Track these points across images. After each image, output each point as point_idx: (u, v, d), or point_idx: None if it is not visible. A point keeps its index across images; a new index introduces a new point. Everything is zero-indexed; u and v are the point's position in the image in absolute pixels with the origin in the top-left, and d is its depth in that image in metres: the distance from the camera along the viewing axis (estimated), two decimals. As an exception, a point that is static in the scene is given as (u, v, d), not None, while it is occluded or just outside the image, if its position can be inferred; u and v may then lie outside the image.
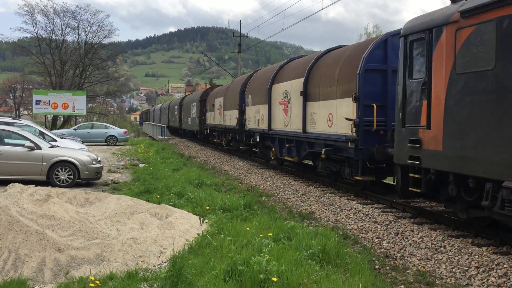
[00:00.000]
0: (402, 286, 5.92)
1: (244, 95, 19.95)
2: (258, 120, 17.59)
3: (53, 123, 45.18)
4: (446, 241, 7.28)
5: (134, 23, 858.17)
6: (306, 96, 13.37)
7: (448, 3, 7.78)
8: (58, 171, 12.81)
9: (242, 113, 20.20)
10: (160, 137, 41.87)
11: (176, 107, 41.98)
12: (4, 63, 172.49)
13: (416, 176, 8.11)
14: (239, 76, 34.39)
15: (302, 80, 13.64)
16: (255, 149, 19.78)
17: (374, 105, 10.39)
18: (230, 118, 22.40)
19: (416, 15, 10.18)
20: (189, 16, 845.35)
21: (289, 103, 14.64)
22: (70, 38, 48.34)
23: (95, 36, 46.47)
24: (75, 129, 31.36)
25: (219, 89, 27.31)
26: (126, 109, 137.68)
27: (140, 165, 18.99)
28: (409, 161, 8.17)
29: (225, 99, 23.62)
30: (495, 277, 5.88)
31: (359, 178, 10.74)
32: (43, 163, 12.71)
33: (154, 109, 69.42)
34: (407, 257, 7.04)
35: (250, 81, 19.73)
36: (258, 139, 17.57)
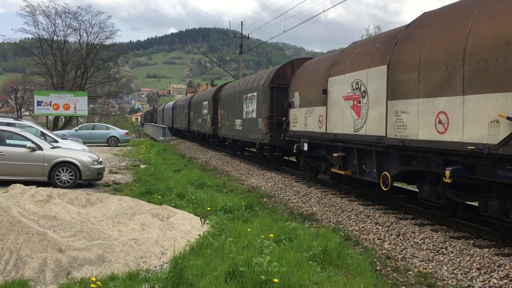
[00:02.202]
0: (404, 287, 5.91)
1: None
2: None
3: (55, 124, 45.25)
4: (447, 243, 7.27)
5: (134, 24, 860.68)
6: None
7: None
8: (59, 172, 12.83)
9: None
10: (161, 138, 41.88)
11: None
12: (6, 64, 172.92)
13: None
14: (240, 77, 33.87)
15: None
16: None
17: None
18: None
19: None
20: (189, 17, 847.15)
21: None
22: (71, 39, 48.70)
23: (96, 37, 46.67)
24: (76, 130, 31.40)
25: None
26: (128, 110, 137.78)
27: (142, 166, 19.00)
28: None
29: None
30: (497, 279, 5.87)
31: None
32: (45, 164, 12.73)
33: (157, 110, 67.09)
34: (409, 258, 7.03)
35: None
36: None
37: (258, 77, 18.97)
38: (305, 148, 13.26)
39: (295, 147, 13.94)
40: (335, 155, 11.46)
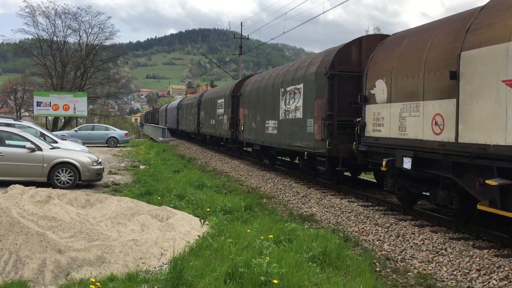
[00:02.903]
0: (403, 288, 5.91)
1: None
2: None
3: (54, 125, 45.23)
4: (447, 244, 7.26)
5: (134, 25, 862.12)
6: None
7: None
8: (59, 172, 12.81)
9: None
10: (160, 138, 41.86)
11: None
12: (5, 64, 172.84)
13: None
14: (239, 78, 33.24)
15: None
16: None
17: None
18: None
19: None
20: (188, 17, 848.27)
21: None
22: (71, 39, 48.44)
23: (96, 38, 46.66)
24: (76, 130, 31.38)
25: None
26: (127, 110, 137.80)
27: (141, 166, 18.99)
28: None
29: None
30: (496, 280, 5.87)
31: None
32: (44, 165, 12.72)
33: (159, 110, 61.65)
34: (408, 259, 7.03)
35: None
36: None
37: (303, 64, 14.35)
38: (407, 165, 8.56)
39: (384, 163, 9.17)
40: (492, 183, 6.46)
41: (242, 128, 20.48)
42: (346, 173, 13.48)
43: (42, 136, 16.75)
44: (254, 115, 18.67)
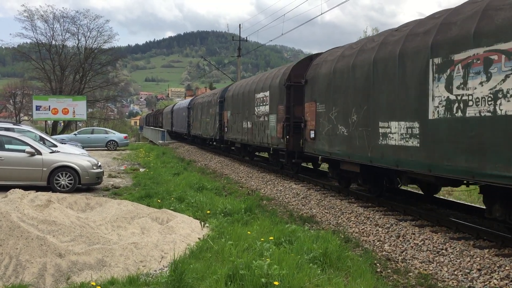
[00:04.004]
0: (404, 289, 5.90)
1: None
2: None
3: (54, 129, 45.24)
4: (447, 244, 7.26)
5: (131, 28, 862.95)
6: None
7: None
8: (58, 176, 12.81)
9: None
10: (160, 141, 41.87)
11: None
12: (4, 68, 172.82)
13: None
14: (238, 80, 32.73)
15: None
16: None
17: None
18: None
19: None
20: (185, 20, 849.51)
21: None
22: (70, 43, 48.61)
23: (94, 41, 46.77)
24: (75, 134, 31.39)
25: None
26: (126, 114, 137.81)
27: (141, 169, 18.99)
28: None
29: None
30: (497, 279, 5.87)
31: None
32: (44, 169, 12.71)
33: (163, 112, 54.11)
34: (409, 260, 7.03)
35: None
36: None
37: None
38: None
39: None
40: None
41: (314, 136, 15.40)
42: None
43: (42, 140, 16.75)
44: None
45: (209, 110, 26.47)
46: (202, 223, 8.18)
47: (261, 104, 17.23)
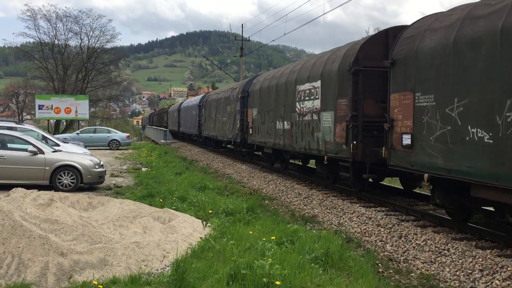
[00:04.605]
0: (406, 289, 5.90)
1: None
2: None
3: (56, 128, 45.30)
4: (449, 244, 7.25)
5: (134, 28, 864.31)
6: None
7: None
8: (61, 175, 12.83)
9: None
10: (162, 141, 41.91)
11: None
12: (7, 68, 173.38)
13: None
14: (241, 80, 32.68)
15: None
16: None
17: None
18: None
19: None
20: (188, 19, 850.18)
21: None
22: (72, 42, 48.58)
23: (97, 41, 46.81)
24: (77, 133, 31.44)
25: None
26: (129, 113, 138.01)
27: (143, 169, 19.01)
28: None
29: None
30: (500, 280, 5.85)
31: None
32: (46, 168, 12.73)
33: (169, 111, 49.89)
34: (411, 260, 7.02)
35: None
36: None
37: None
38: None
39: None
40: None
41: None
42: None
43: (44, 139, 16.78)
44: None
45: (227, 107, 22.70)
46: (204, 222, 8.19)
47: (306, 98, 13.05)
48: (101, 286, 5.20)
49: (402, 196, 11.39)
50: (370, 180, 11.42)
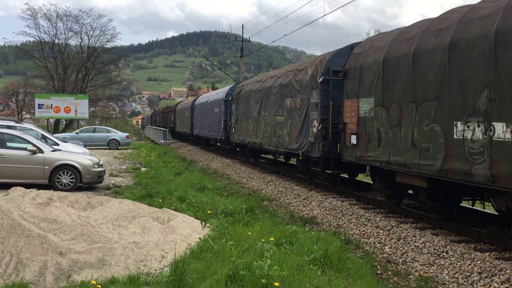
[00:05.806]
0: (404, 291, 5.90)
1: None
2: None
3: (55, 127, 45.28)
4: (448, 247, 7.25)
5: (134, 27, 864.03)
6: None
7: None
8: (60, 174, 12.82)
9: None
10: (162, 141, 41.90)
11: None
12: (7, 67, 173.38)
13: None
14: (241, 80, 32.60)
15: None
16: None
17: None
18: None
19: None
20: (188, 20, 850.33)
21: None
22: (72, 42, 48.57)
23: (97, 40, 46.80)
24: (77, 133, 31.41)
25: None
26: (128, 113, 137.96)
27: (142, 169, 19.00)
28: None
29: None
30: (498, 283, 5.86)
31: None
32: (45, 167, 12.73)
33: (177, 110, 43.04)
34: (409, 262, 7.02)
35: None
36: None
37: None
38: None
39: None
40: None
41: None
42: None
43: (44, 138, 16.77)
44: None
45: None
46: (203, 223, 8.19)
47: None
48: (99, 286, 5.19)
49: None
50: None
